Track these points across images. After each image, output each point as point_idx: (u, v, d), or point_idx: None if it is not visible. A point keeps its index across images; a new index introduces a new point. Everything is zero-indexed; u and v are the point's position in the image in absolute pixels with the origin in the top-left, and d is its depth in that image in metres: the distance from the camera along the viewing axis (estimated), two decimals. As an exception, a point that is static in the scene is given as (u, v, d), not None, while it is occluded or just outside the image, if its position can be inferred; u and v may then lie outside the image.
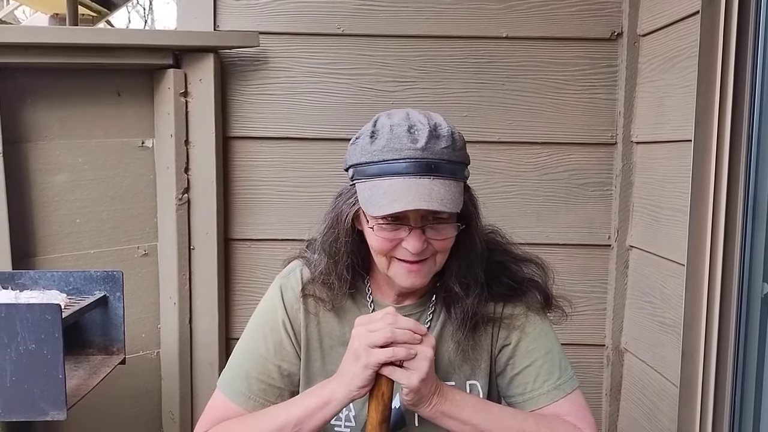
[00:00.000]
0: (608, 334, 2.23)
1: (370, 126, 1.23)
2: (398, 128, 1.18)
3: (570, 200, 2.20)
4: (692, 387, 1.74)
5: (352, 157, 1.23)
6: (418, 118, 1.20)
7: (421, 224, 1.19)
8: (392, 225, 1.20)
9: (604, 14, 2.13)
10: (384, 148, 1.17)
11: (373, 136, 1.20)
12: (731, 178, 1.67)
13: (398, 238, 1.20)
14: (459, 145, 1.21)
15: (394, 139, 1.17)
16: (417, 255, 1.20)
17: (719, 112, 1.66)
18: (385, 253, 1.23)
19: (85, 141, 2.03)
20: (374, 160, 1.18)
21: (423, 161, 1.16)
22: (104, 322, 1.79)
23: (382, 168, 1.18)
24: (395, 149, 1.17)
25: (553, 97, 2.16)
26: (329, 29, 2.15)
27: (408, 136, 1.17)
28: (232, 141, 2.19)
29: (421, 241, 1.19)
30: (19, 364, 1.42)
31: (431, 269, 1.25)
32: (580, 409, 1.30)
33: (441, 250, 1.23)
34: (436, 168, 1.17)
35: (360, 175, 1.21)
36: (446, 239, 1.22)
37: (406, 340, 1.14)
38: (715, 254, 1.69)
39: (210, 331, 2.16)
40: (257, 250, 2.22)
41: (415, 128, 1.18)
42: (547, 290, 1.35)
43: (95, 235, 2.06)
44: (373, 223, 1.21)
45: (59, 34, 2.11)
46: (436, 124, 1.20)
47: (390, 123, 1.20)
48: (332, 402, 1.19)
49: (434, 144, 1.17)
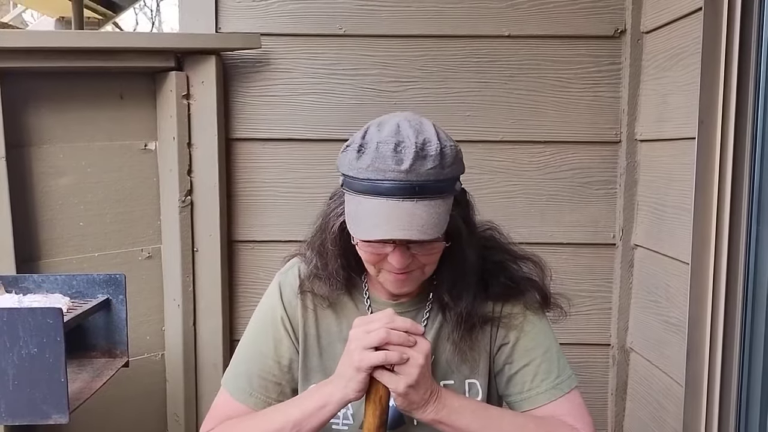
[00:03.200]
0: (614, 333, 2.22)
1: (359, 137, 1.20)
2: (384, 146, 1.14)
3: (574, 199, 2.19)
4: (698, 386, 1.73)
5: (342, 166, 1.22)
6: (407, 133, 1.16)
7: (406, 242, 1.18)
8: (376, 244, 1.20)
9: (607, 12, 2.11)
10: (369, 167, 1.15)
11: (360, 150, 1.17)
12: (735, 176, 1.65)
13: (384, 252, 1.21)
14: (448, 162, 1.17)
15: (379, 158, 1.14)
16: (401, 269, 1.21)
17: (723, 109, 1.65)
18: (372, 264, 1.24)
19: (88, 144, 2.04)
20: (359, 177, 1.16)
21: (407, 184, 1.13)
22: (107, 325, 1.79)
23: (367, 187, 1.15)
24: (379, 170, 1.14)
25: (556, 96, 2.15)
26: (331, 30, 2.15)
27: (393, 157, 1.13)
28: (234, 143, 2.19)
29: (405, 257, 1.19)
30: (21, 367, 1.43)
31: (419, 278, 1.26)
32: (579, 409, 1.30)
33: (428, 262, 1.24)
34: (420, 190, 1.14)
35: (347, 187, 1.21)
36: (432, 254, 1.22)
37: (400, 342, 1.14)
38: (719, 252, 1.68)
39: (214, 333, 2.17)
40: (260, 252, 2.23)
41: (402, 146, 1.14)
42: (545, 289, 1.35)
43: (99, 237, 2.07)
44: (357, 240, 1.22)
45: (61, 38, 2.12)
46: (425, 140, 1.15)
47: (378, 139, 1.16)
48: (329, 405, 1.20)
49: (419, 165, 1.13)
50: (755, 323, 1.67)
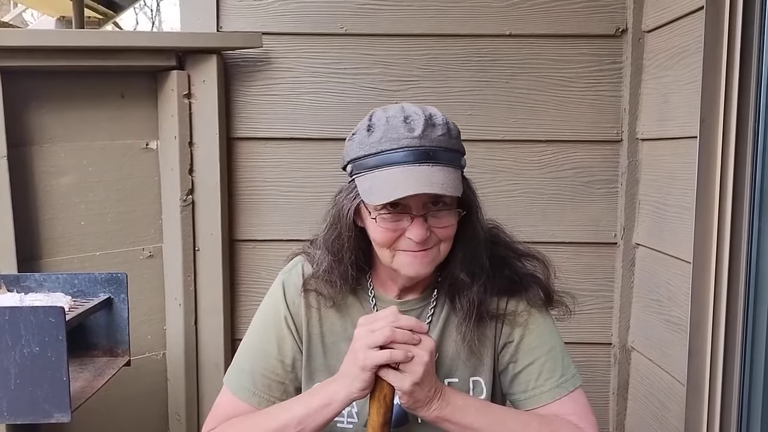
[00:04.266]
0: (615, 332, 2.22)
1: (366, 120, 1.25)
2: (394, 119, 1.20)
3: (575, 198, 2.19)
4: (699, 385, 1.73)
5: (350, 153, 1.25)
6: (413, 109, 1.23)
7: (423, 212, 1.20)
8: (394, 215, 1.21)
9: (608, 11, 2.11)
10: (381, 139, 1.19)
11: (370, 129, 1.22)
12: (737, 175, 1.65)
13: (401, 228, 1.21)
14: (454, 134, 1.24)
15: (391, 129, 1.19)
16: (421, 244, 1.21)
17: (725, 108, 1.65)
18: (388, 245, 1.23)
19: (89, 143, 2.04)
20: (372, 152, 1.20)
21: (421, 149, 1.18)
22: (109, 324, 1.79)
23: (381, 159, 1.19)
24: (393, 139, 1.19)
25: (557, 95, 2.15)
26: (332, 29, 2.15)
27: (404, 126, 1.19)
28: (235, 142, 2.19)
29: (424, 229, 1.20)
30: (23, 366, 1.43)
31: (435, 258, 1.25)
32: (583, 408, 1.30)
33: (444, 238, 1.24)
34: (434, 155, 1.18)
35: (359, 169, 1.22)
36: (448, 227, 1.23)
37: (405, 340, 1.14)
38: (721, 251, 1.68)
39: (215, 332, 2.17)
40: (262, 251, 2.23)
41: (410, 118, 1.20)
42: (548, 286, 1.35)
43: (100, 237, 2.07)
44: (375, 214, 1.22)
45: (62, 37, 2.12)
46: (431, 114, 1.22)
47: (386, 115, 1.22)
48: (333, 403, 1.20)
49: (431, 132, 1.19)
50: (757, 322, 1.67)
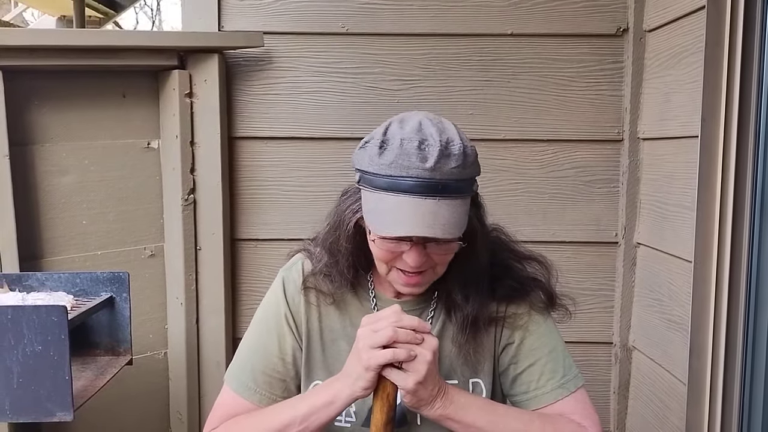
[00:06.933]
0: (616, 331, 2.22)
1: (380, 133, 1.19)
2: (408, 143, 1.14)
3: (576, 197, 2.19)
4: (701, 384, 1.73)
5: (360, 162, 1.21)
6: (431, 131, 1.16)
7: (423, 241, 1.18)
8: (394, 241, 1.19)
9: (609, 10, 2.11)
10: (392, 164, 1.14)
11: (383, 147, 1.16)
12: (738, 174, 1.65)
13: (399, 250, 1.20)
14: (470, 161, 1.17)
15: (404, 155, 1.13)
16: (416, 267, 1.20)
17: (726, 107, 1.65)
18: (385, 262, 1.24)
19: (90, 143, 2.04)
20: (381, 173, 1.15)
21: (431, 182, 1.13)
22: (111, 323, 1.80)
23: (389, 183, 1.15)
24: (403, 166, 1.13)
25: (558, 94, 2.15)
26: (333, 28, 2.15)
27: (417, 154, 1.13)
28: (237, 141, 2.19)
29: (422, 256, 1.19)
30: (25, 365, 1.43)
31: (430, 279, 1.26)
32: (585, 408, 1.30)
33: (441, 263, 1.23)
34: (443, 189, 1.14)
35: (366, 183, 1.19)
36: (446, 254, 1.22)
37: (408, 340, 1.14)
38: (722, 250, 1.68)
39: (217, 331, 2.17)
40: (263, 250, 2.23)
41: (426, 144, 1.14)
42: (550, 289, 1.35)
43: (102, 236, 2.07)
44: (374, 236, 1.21)
45: (64, 37, 2.12)
46: (449, 139, 1.15)
47: (401, 135, 1.16)
48: (336, 402, 1.20)
49: (444, 164, 1.13)
50: (758, 321, 1.67)
